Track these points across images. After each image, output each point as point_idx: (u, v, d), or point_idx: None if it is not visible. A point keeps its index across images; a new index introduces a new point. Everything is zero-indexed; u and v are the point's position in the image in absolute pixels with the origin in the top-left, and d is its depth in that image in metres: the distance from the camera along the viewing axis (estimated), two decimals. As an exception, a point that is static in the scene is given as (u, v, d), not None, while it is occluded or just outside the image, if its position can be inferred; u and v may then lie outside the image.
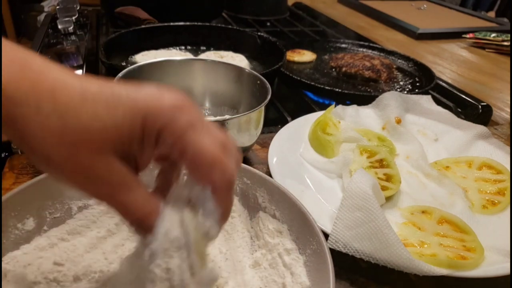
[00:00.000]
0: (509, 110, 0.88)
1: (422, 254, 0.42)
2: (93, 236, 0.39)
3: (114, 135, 0.24)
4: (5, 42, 0.23)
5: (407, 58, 1.04)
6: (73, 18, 0.98)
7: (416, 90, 0.86)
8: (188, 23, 0.93)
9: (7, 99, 0.21)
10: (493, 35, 1.29)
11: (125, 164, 0.25)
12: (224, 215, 0.28)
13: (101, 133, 0.23)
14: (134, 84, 0.25)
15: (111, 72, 0.68)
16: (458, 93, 0.88)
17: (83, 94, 0.23)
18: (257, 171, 0.43)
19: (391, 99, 0.69)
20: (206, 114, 0.63)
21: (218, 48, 0.93)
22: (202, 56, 0.87)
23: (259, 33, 0.92)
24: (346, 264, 0.43)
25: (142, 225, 0.26)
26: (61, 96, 0.23)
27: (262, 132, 0.56)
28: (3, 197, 0.35)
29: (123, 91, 0.24)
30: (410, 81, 0.95)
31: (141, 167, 0.27)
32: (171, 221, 0.26)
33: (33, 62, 0.23)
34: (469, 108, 0.83)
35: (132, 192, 0.25)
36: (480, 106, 0.82)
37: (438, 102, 0.77)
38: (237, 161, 0.28)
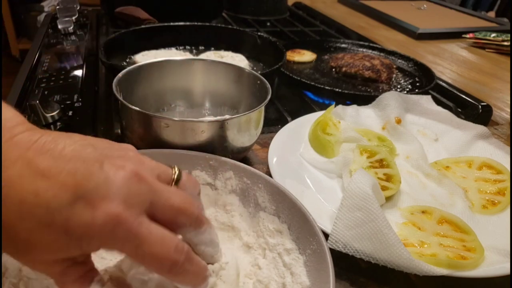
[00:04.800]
0: (509, 110, 0.88)
1: (422, 254, 0.42)
2: None
3: (55, 254, 0.25)
4: None
5: (407, 58, 1.04)
6: (73, 18, 0.98)
7: (416, 90, 0.86)
8: (188, 23, 0.93)
9: None
10: (493, 35, 1.29)
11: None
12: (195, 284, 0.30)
13: (40, 254, 0.25)
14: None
15: (111, 72, 0.69)
16: (458, 93, 0.88)
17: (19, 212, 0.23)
18: (257, 171, 0.43)
19: (391, 99, 0.69)
20: (206, 114, 0.63)
21: (218, 48, 0.93)
22: (202, 56, 0.87)
23: (259, 33, 0.92)
24: (346, 264, 0.43)
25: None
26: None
27: (262, 132, 0.56)
28: (3, 197, 0.35)
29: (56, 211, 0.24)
30: (410, 81, 0.95)
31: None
32: None
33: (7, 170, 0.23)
34: (469, 108, 0.83)
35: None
36: (480, 106, 0.82)
37: (438, 102, 0.77)
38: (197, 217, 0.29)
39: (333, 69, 0.97)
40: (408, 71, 1.01)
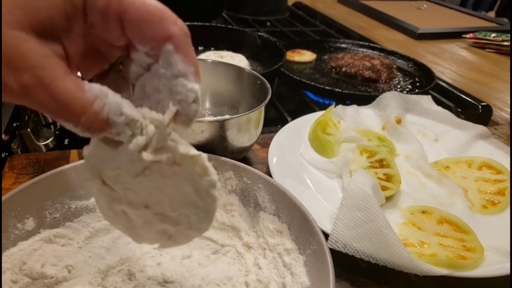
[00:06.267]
0: (509, 110, 0.88)
1: (422, 254, 0.42)
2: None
3: (29, 6, 0.20)
4: None
5: (407, 58, 1.04)
6: (73, 18, 0.98)
7: (416, 90, 0.86)
8: (188, 23, 0.92)
9: None
10: (493, 35, 1.29)
11: (52, 49, 0.21)
12: (197, 73, 0.24)
13: (9, 4, 0.19)
14: None
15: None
16: (458, 93, 0.88)
17: None
18: (257, 171, 0.43)
19: (391, 99, 0.69)
20: (206, 114, 0.63)
21: (218, 48, 0.93)
22: (202, 56, 0.87)
23: (259, 33, 0.92)
24: (346, 264, 0.43)
25: (90, 124, 0.21)
26: None
27: (262, 132, 0.56)
28: (3, 197, 0.35)
29: None
30: (410, 81, 0.95)
31: (73, 58, 0.23)
32: (130, 107, 0.22)
33: None
34: (469, 108, 0.83)
35: (62, 78, 0.20)
36: (480, 106, 0.82)
37: (438, 102, 0.77)
38: None
39: (333, 69, 0.97)
40: (408, 71, 1.01)
